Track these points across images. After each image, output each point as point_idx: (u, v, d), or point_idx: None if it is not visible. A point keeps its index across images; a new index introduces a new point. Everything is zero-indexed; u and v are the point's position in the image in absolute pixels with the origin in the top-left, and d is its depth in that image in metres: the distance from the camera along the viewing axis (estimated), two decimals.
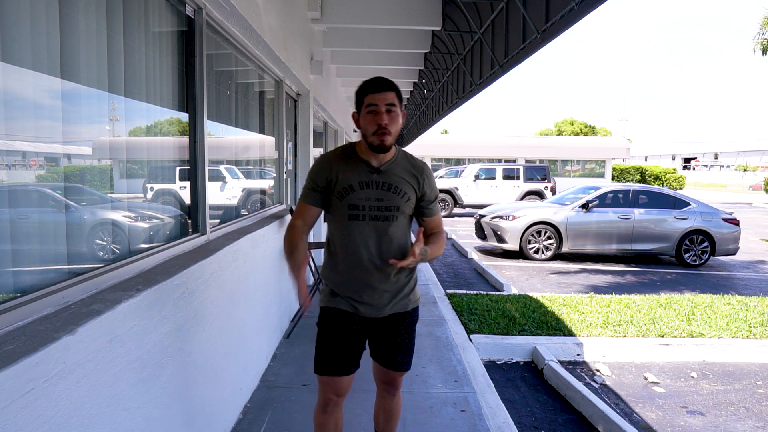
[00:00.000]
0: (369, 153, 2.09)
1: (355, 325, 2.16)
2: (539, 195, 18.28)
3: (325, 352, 2.17)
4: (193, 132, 2.93)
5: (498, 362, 4.79)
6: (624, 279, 8.55)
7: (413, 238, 2.15)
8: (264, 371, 3.79)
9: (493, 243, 10.32)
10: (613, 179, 30.61)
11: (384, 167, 2.10)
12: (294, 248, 2.11)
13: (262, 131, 4.92)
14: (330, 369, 2.16)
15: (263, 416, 3.14)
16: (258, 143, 4.88)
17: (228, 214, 3.96)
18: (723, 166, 63.58)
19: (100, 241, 2.17)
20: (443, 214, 17.90)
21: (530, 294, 6.73)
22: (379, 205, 2.08)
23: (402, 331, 2.23)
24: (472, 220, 12.51)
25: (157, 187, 2.77)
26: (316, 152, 7.35)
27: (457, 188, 18.70)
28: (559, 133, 61.60)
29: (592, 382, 4.40)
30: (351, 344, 2.17)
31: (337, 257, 2.16)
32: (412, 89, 11.23)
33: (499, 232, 10.06)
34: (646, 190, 10.25)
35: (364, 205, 2.08)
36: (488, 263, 9.29)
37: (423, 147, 25.69)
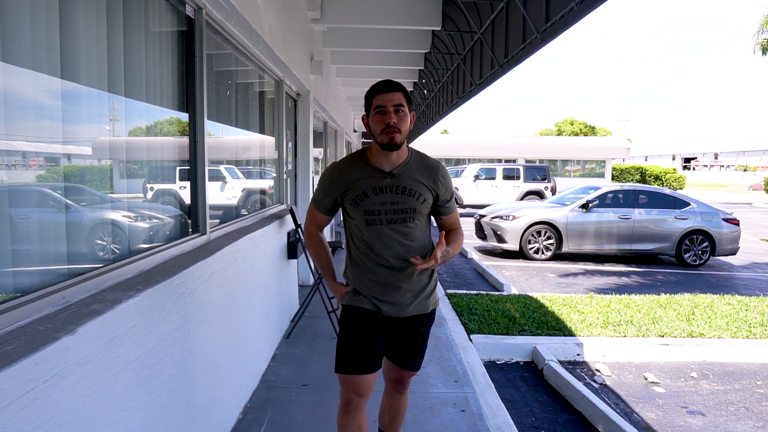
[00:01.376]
0: (381, 156, 2.11)
1: (376, 324, 2.18)
2: (539, 195, 18.28)
3: (346, 349, 2.15)
4: (193, 132, 2.93)
5: (498, 362, 4.79)
6: (624, 279, 8.55)
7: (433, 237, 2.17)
8: (264, 371, 3.79)
9: (493, 243, 10.32)
10: (613, 179, 30.60)
11: (397, 171, 2.12)
12: (317, 256, 2.32)
13: (262, 131, 4.92)
14: (351, 367, 2.13)
15: (263, 416, 3.14)
16: (258, 143, 4.88)
17: (228, 214, 3.95)
18: (723, 166, 63.57)
19: (100, 241, 2.17)
20: None
21: (530, 294, 6.73)
22: (394, 209, 2.10)
23: (417, 332, 2.26)
24: (472, 220, 12.51)
25: (157, 187, 2.77)
26: (316, 152, 7.36)
27: (457, 188, 18.70)
28: (559, 133, 61.56)
29: (592, 382, 4.40)
30: (372, 342, 2.17)
31: (359, 258, 2.18)
32: (412, 89, 11.23)
33: (499, 232, 10.06)
34: (646, 190, 10.25)
35: (379, 210, 2.10)
36: (488, 263, 9.29)
37: (423, 147, 25.66)
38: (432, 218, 2.30)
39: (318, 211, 2.25)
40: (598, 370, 4.65)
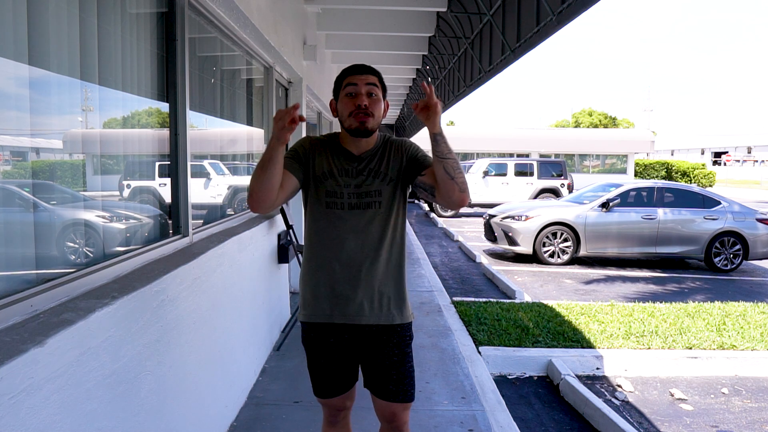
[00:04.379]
0: (350, 142, 2.12)
1: (337, 339, 2.14)
2: (554, 193, 18.29)
3: (313, 375, 2.24)
4: (174, 124, 2.93)
5: (509, 377, 4.80)
6: (648, 285, 8.55)
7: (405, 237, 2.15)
8: (252, 387, 3.80)
9: (504, 246, 10.32)
10: (636, 175, 30.62)
11: (365, 155, 2.12)
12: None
13: (249, 123, 4.93)
14: (323, 392, 2.24)
15: None
16: (245, 136, 4.88)
17: (212, 213, 3.96)
18: (757, 161, 63.57)
19: (71, 244, 2.17)
20: (449, 214, 17.94)
21: (545, 302, 6.74)
22: (358, 192, 2.09)
23: (389, 354, 2.13)
24: (480, 221, 12.51)
25: (134, 184, 2.77)
26: None
27: None
28: (577, 125, 61.63)
29: (613, 399, 4.41)
30: (337, 363, 2.17)
31: (313, 253, 2.15)
32: (415, 77, 11.24)
33: (510, 234, 10.07)
34: (672, 188, 10.27)
35: (342, 192, 2.09)
36: (499, 268, 9.30)
37: (427, 140, 25.64)
38: (403, 227, 2.20)
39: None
40: (619, 386, 4.65)
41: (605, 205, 9.86)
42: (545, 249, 9.86)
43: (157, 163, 2.93)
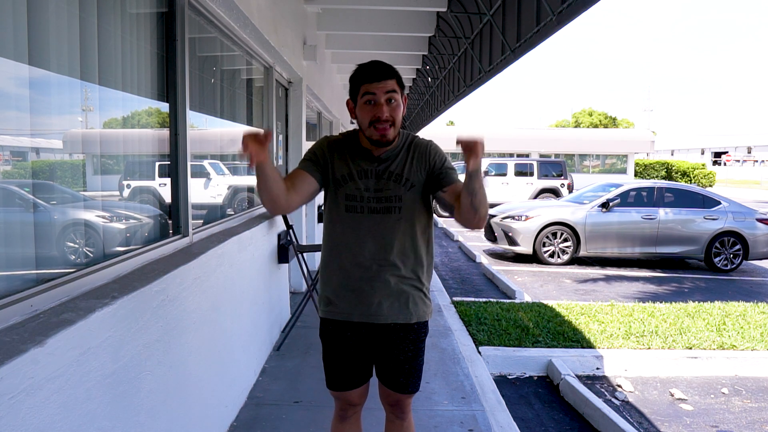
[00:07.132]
0: (369, 143, 2.10)
1: (355, 335, 2.16)
2: (555, 193, 18.30)
3: (329, 367, 2.25)
4: (174, 124, 2.93)
5: (509, 377, 4.80)
6: (648, 285, 8.55)
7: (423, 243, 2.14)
8: (252, 387, 3.80)
9: (503, 246, 10.32)
10: (636, 175, 30.62)
11: (385, 155, 2.10)
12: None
13: (249, 122, 4.93)
14: (337, 385, 2.24)
15: None
16: None
17: (212, 213, 3.96)
18: (757, 161, 63.54)
19: (71, 244, 2.17)
20: (448, 214, 17.91)
21: (545, 302, 6.74)
22: (378, 197, 2.07)
23: (405, 349, 2.18)
24: None
25: (134, 184, 2.78)
26: (309, 145, 7.38)
27: None
28: (577, 125, 61.66)
29: (613, 399, 4.41)
30: (353, 357, 2.19)
31: (332, 256, 2.16)
32: (414, 77, 11.24)
33: (510, 234, 10.07)
34: (672, 188, 10.27)
35: (362, 196, 2.08)
36: (499, 268, 9.30)
37: (433, 137, 25.62)
38: (428, 230, 2.22)
39: (298, 169, 2.10)
40: (619, 386, 4.66)
41: (605, 205, 9.86)
42: (545, 249, 9.86)
43: (157, 163, 2.93)
